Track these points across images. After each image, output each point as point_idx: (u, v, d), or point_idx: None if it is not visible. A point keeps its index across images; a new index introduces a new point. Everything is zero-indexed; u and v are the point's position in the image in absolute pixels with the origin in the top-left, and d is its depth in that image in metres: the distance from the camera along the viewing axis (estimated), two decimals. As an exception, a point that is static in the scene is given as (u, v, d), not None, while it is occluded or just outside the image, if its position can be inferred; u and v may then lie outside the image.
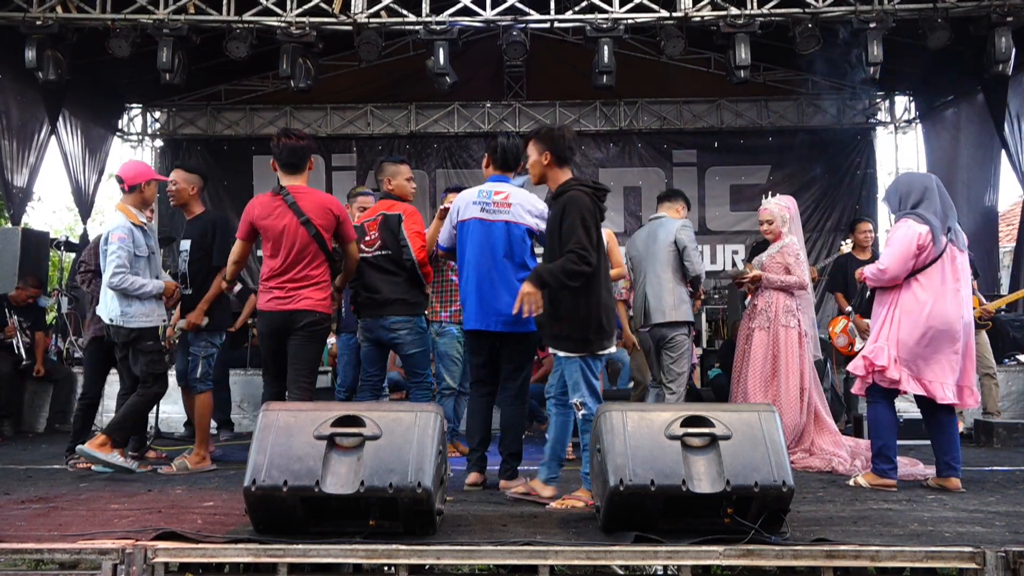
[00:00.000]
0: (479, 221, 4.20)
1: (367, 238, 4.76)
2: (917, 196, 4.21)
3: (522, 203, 4.26)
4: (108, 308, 4.73)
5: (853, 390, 4.53)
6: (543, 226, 4.19)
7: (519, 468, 4.25)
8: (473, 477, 4.28)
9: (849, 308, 6.58)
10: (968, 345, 4.20)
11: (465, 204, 4.27)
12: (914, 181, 4.38)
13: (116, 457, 4.45)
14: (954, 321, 4.11)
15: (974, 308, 6.63)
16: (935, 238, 4.10)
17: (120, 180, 4.81)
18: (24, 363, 7.17)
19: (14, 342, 7.13)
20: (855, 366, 4.29)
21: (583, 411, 3.66)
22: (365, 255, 4.72)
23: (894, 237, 4.19)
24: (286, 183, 4.39)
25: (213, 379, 6.45)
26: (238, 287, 6.74)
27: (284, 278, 4.30)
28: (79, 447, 4.61)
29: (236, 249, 4.52)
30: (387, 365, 5.22)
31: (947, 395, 4.12)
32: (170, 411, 6.93)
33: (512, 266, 4.18)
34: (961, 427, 6.68)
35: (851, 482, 4.29)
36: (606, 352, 3.79)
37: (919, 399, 4.26)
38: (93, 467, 4.74)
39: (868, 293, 4.62)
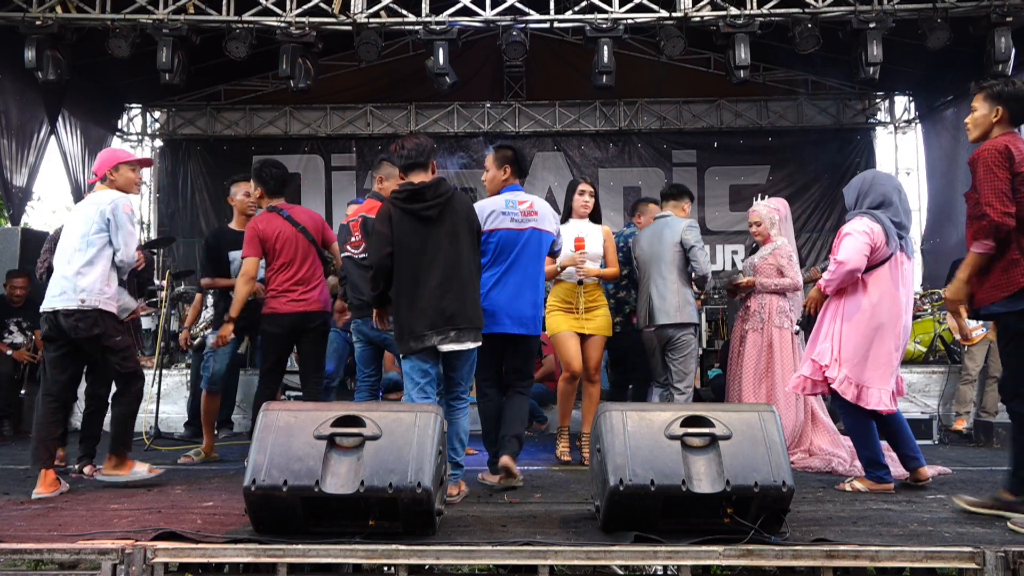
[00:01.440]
0: (508, 231, 4.28)
1: (352, 239, 4.88)
2: (876, 200, 4.17)
3: (545, 210, 4.42)
4: (73, 290, 4.17)
5: (792, 388, 4.41)
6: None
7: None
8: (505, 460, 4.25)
9: (797, 327, 6.52)
10: (903, 350, 4.20)
11: (493, 215, 4.30)
12: (877, 184, 4.25)
13: (137, 472, 4.37)
14: (894, 326, 4.09)
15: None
16: (888, 239, 4.08)
17: (94, 175, 4.61)
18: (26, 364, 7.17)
19: (19, 360, 7.15)
20: (805, 370, 4.21)
21: None
22: (351, 255, 4.88)
23: (851, 231, 4.10)
24: (274, 203, 4.94)
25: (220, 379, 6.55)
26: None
27: (296, 281, 4.79)
28: (100, 477, 4.36)
29: (251, 266, 4.80)
30: (383, 365, 5.20)
31: (882, 400, 4.05)
32: (170, 411, 6.94)
33: (540, 270, 4.42)
34: (963, 427, 6.72)
35: (847, 487, 4.17)
36: (415, 352, 3.77)
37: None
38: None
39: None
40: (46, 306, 4.25)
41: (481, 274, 4.07)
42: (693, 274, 5.20)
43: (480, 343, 3.88)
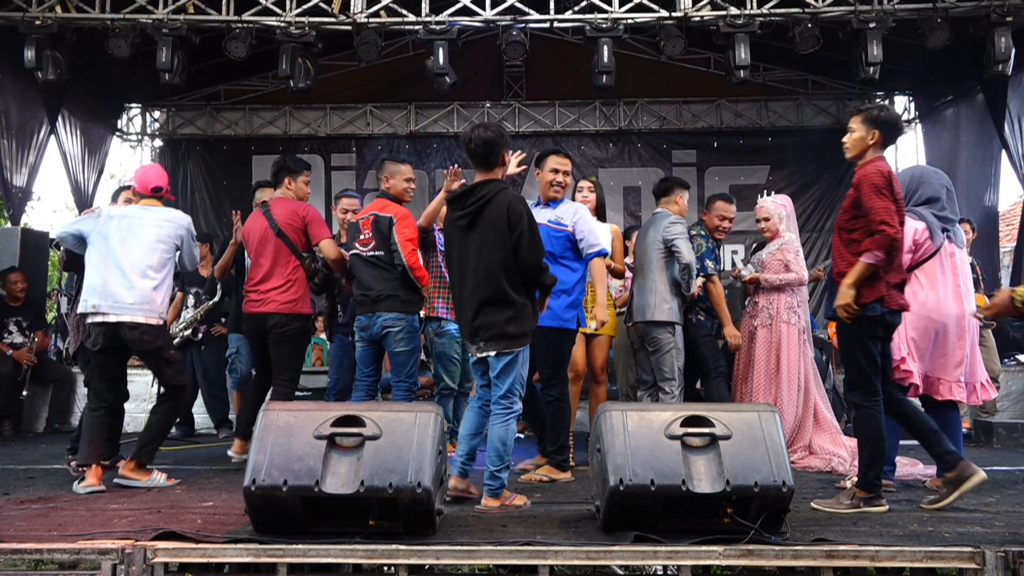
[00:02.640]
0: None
1: (361, 236, 4.87)
2: (923, 197, 4.20)
3: None
4: (149, 303, 4.31)
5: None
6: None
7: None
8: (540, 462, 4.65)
9: None
10: (973, 341, 4.23)
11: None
12: (926, 183, 4.26)
13: (156, 479, 4.35)
14: (955, 316, 4.14)
15: (979, 306, 6.68)
16: (932, 234, 4.11)
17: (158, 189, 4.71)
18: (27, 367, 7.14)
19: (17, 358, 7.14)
20: None
21: None
22: (360, 253, 4.86)
23: None
24: (272, 196, 5.03)
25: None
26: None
27: (257, 282, 4.80)
28: (118, 480, 4.31)
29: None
30: (382, 366, 5.20)
31: (952, 392, 4.13)
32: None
33: None
34: (966, 428, 6.71)
35: (847, 483, 4.15)
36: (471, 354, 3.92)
37: (923, 397, 4.25)
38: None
39: None
40: (101, 317, 4.22)
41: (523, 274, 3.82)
42: (678, 267, 5.06)
43: (513, 349, 3.68)
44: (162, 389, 4.71)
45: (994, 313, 3.50)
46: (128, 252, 4.30)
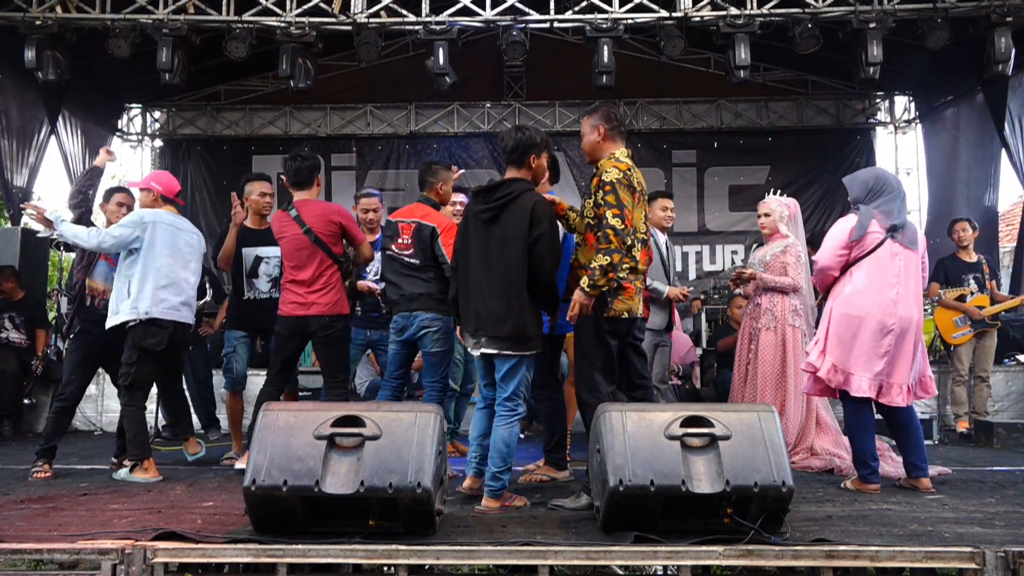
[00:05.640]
0: None
1: (400, 240, 4.75)
2: (884, 193, 4.20)
3: None
4: (191, 305, 4.85)
5: (803, 389, 4.54)
6: None
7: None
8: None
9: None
10: (916, 342, 4.12)
11: None
12: (890, 181, 4.31)
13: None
14: (884, 316, 4.04)
15: (983, 308, 6.69)
16: (866, 231, 4.10)
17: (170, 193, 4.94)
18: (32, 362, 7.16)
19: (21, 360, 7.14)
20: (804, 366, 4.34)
21: None
22: (395, 255, 4.77)
23: (830, 231, 4.27)
24: (296, 198, 4.84)
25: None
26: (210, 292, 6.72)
27: (297, 283, 4.72)
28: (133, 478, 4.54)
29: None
30: (411, 368, 5.12)
31: (861, 387, 4.05)
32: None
33: None
34: (966, 428, 6.71)
35: (841, 485, 4.26)
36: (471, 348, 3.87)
37: (842, 393, 4.20)
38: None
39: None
40: (164, 315, 4.62)
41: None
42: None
43: (518, 352, 3.67)
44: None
45: None
46: (167, 259, 4.73)
